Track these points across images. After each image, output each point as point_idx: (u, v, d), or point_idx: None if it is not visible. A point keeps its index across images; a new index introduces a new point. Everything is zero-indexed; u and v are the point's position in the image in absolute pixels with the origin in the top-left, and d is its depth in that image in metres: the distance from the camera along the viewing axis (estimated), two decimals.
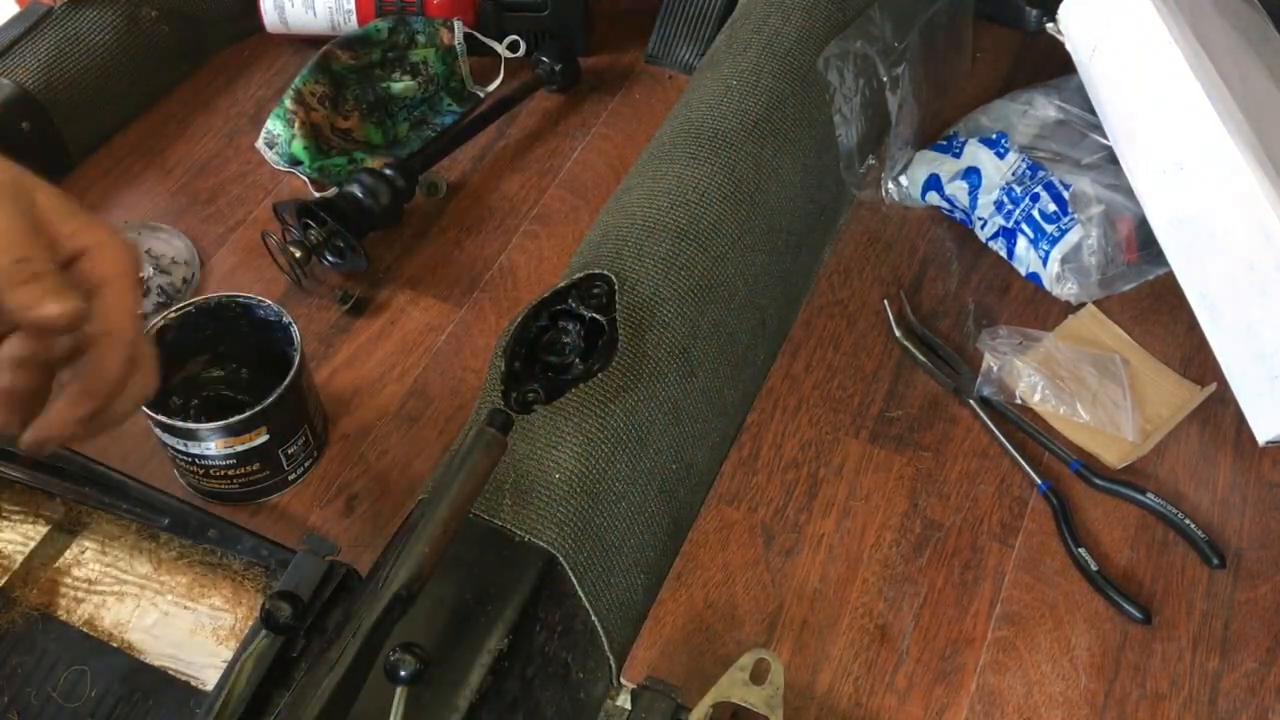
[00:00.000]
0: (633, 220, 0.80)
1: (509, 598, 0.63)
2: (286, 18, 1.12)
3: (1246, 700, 0.72)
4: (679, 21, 1.15)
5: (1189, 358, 0.89)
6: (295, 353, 0.78)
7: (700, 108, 0.88)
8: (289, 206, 0.94)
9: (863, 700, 0.72)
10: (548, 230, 1.00)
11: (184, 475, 0.82)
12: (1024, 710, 0.72)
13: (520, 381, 0.71)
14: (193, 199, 1.02)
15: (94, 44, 1.03)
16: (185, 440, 0.76)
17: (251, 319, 0.82)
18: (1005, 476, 0.83)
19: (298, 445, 0.80)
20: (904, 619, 0.76)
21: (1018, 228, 0.92)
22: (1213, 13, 0.90)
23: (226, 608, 0.76)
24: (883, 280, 0.95)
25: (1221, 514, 0.81)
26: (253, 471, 0.79)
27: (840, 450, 0.84)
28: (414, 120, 1.10)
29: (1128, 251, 0.92)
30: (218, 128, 1.09)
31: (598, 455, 0.69)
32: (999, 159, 0.94)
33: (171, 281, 0.95)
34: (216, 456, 0.77)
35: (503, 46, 1.13)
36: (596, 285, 0.75)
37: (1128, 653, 0.74)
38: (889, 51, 0.95)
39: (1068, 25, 0.96)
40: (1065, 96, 0.99)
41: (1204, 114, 0.81)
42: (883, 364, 0.89)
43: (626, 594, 0.71)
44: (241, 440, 0.76)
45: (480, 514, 0.66)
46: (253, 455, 0.78)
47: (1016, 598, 0.77)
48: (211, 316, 0.81)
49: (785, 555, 0.79)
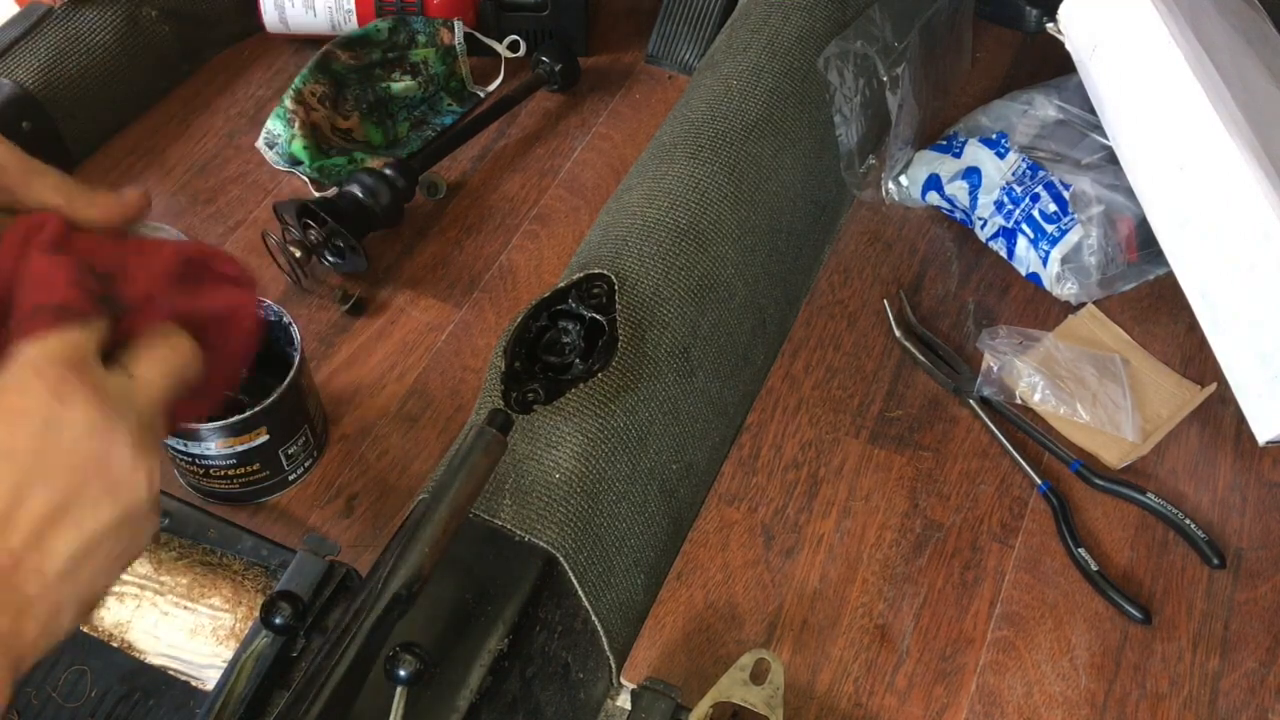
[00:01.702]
0: (633, 220, 0.80)
1: (509, 598, 0.63)
2: (286, 18, 1.12)
3: (1246, 700, 0.72)
4: (679, 21, 1.15)
5: (1189, 358, 0.89)
6: (295, 353, 0.78)
7: (700, 108, 0.88)
8: (289, 206, 0.94)
9: (863, 700, 0.72)
10: (548, 230, 1.00)
11: (184, 475, 0.82)
12: (1024, 710, 0.72)
13: (520, 381, 0.71)
14: (193, 199, 1.02)
15: (94, 44, 1.03)
16: (185, 440, 0.76)
17: None
18: (1005, 476, 0.83)
19: (298, 445, 0.80)
20: (904, 619, 0.76)
21: (1018, 228, 0.92)
22: (1213, 13, 0.90)
23: (226, 608, 0.76)
24: (883, 280, 0.95)
25: (1221, 514, 0.81)
26: (253, 471, 0.79)
27: (840, 450, 0.84)
28: (414, 120, 1.10)
29: (1128, 251, 0.92)
30: (218, 128, 1.09)
31: (598, 455, 0.69)
32: (999, 159, 0.94)
33: None
34: (217, 456, 0.77)
35: (503, 46, 1.13)
36: (596, 285, 0.75)
37: (1128, 653, 0.74)
38: (889, 51, 0.95)
39: (1068, 25, 0.96)
40: (1065, 96, 0.99)
41: (1204, 114, 0.81)
42: (883, 364, 0.89)
43: (626, 594, 0.71)
44: (242, 440, 0.76)
45: (480, 514, 0.66)
46: (253, 455, 0.78)
47: (1016, 598, 0.77)
48: None
49: (785, 555, 0.79)
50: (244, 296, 0.51)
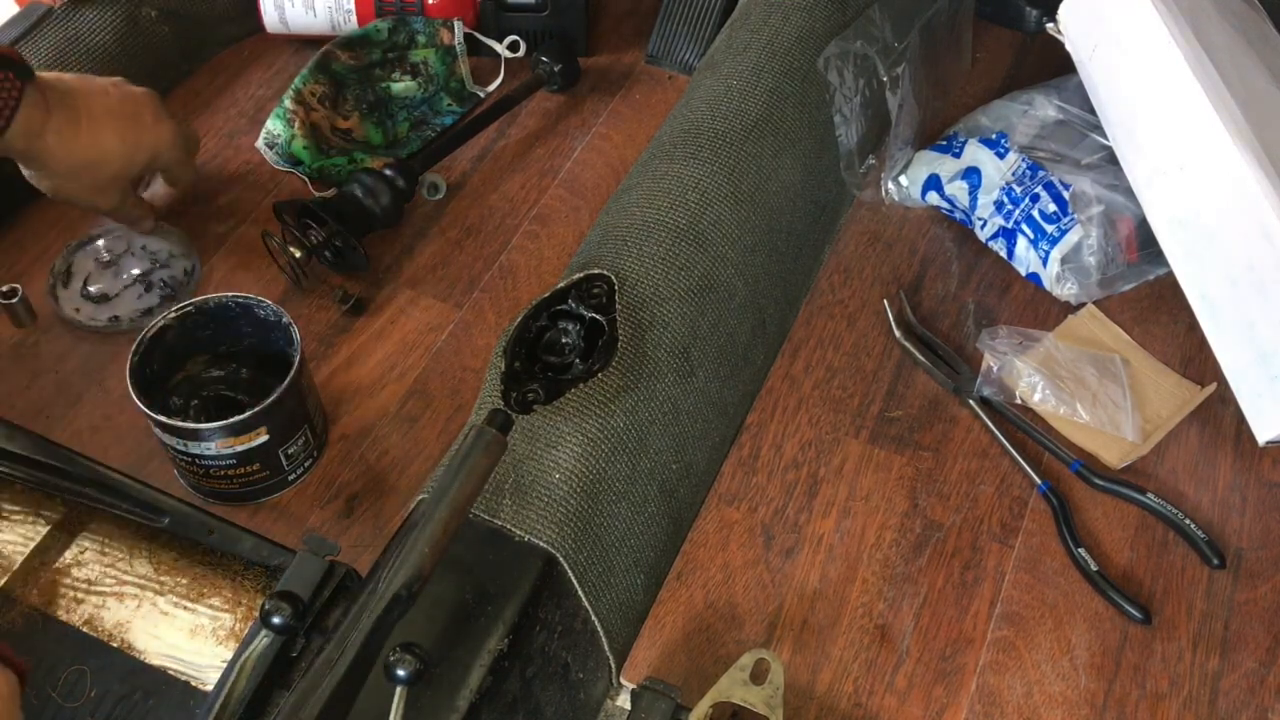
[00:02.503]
0: (633, 220, 0.80)
1: (509, 598, 0.63)
2: (286, 18, 1.12)
3: (1246, 700, 0.72)
4: (679, 21, 1.15)
5: (1189, 358, 0.89)
6: (295, 353, 0.78)
7: (700, 108, 0.88)
8: (289, 206, 0.94)
9: (863, 700, 0.72)
10: (548, 230, 1.00)
11: (184, 475, 0.82)
12: (1024, 710, 0.72)
13: (520, 381, 0.71)
14: (192, 199, 1.02)
15: (94, 44, 1.03)
16: (186, 440, 0.76)
17: (251, 319, 0.82)
18: (1005, 476, 0.83)
19: (298, 445, 0.80)
20: (904, 619, 0.76)
21: (1018, 228, 0.92)
22: (1213, 13, 0.90)
23: (226, 608, 0.76)
24: (883, 280, 0.95)
25: (1221, 514, 0.81)
26: (253, 471, 0.79)
27: (840, 450, 0.84)
28: (414, 120, 1.10)
29: (1128, 251, 0.92)
30: (218, 128, 1.09)
31: (598, 455, 0.69)
32: (999, 159, 0.94)
33: (174, 275, 0.95)
34: (216, 457, 0.77)
35: (503, 46, 1.13)
36: (596, 285, 0.75)
37: (1128, 653, 0.74)
38: (889, 51, 0.95)
39: (1068, 25, 0.96)
40: (1065, 96, 0.99)
41: (1204, 114, 0.81)
42: (883, 364, 0.89)
43: (626, 594, 0.71)
44: (242, 440, 0.76)
45: (480, 514, 0.66)
46: (253, 455, 0.78)
47: (1016, 598, 0.77)
48: (211, 317, 0.81)
49: (785, 555, 0.79)
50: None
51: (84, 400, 0.87)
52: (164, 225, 0.98)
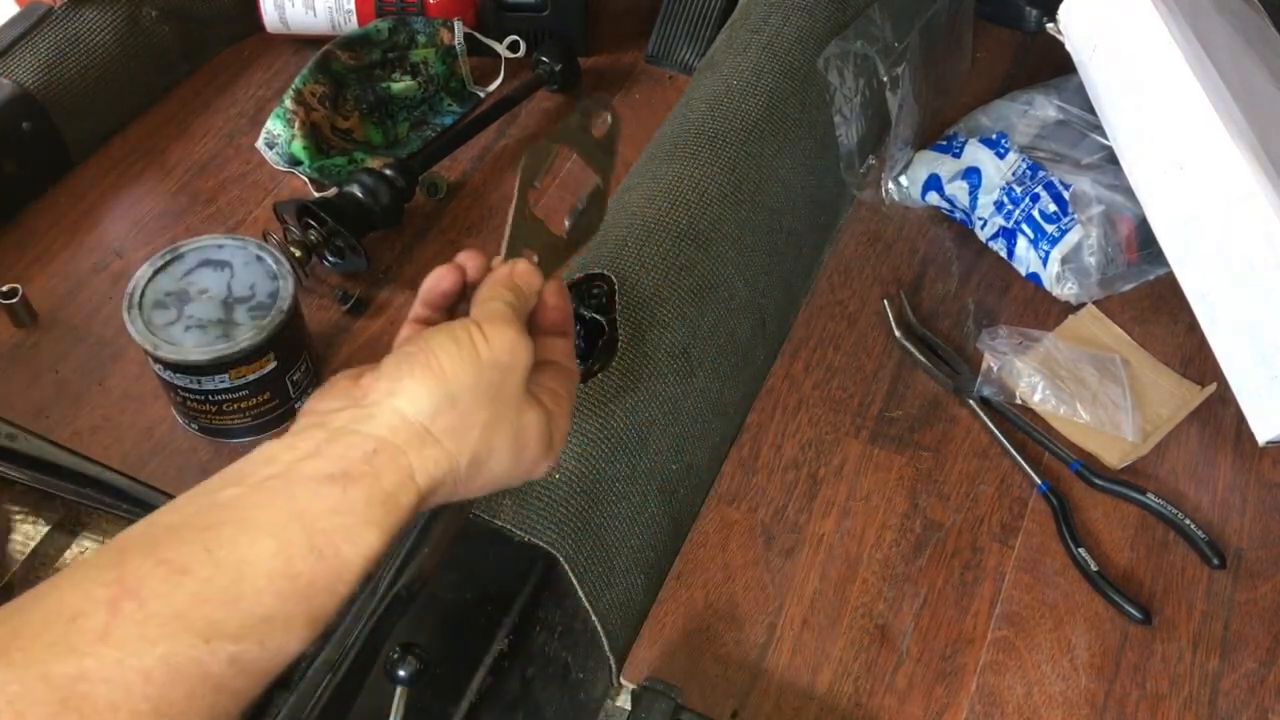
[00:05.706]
0: (633, 220, 0.80)
1: (509, 598, 0.63)
2: (286, 18, 1.12)
3: (1246, 700, 0.72)
4: (679, 21, 1.15)
5: (1189, 358, 0.89)
6: (285, 279, 0.81)
7: (700, 108, 0.88)
8: (289, 206, 0.94)
9: (863, 700, 0.72)
10: None
11: (194, 418, 0.84)
12: (1024, 710, 0.72)
13: None
14: (193, 199, 1.02)
15: (94, 44, 1.03)
16: (198, 377, 0.78)
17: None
18: (1005, 476, 0.83)
19: (301, 371, 0.84)
20: (904, 619, 0.76)
21: (1018, 228, 0.92)
22: (1213, 13, 0.90)
23: None
24: (883, 280, 0.95)
25: (1221, 514, 0.81)
26: (264, 402, 0.82)
27: (840, 450, 0.84)
28: (414, 120, 1.10)
29: (1128, 251, 0.92)
30: (218, 128, 1.09)
31: (598, 455, 0.69)
32: (999, 159, 0.94)
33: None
34: (228, 390, 0.80)
35: (503, 46, 1.13)
36: (596, 285, 0.75)
37: (1128, 653, 0.74)
38: (889, 51, 0.95)
39: (1068, 25, 0.96)
40: (1065, 96, 0.99)
41: (1204, 114, 0.81)
42: (883, 364, 0.89)
43: (626, 594, 0.71)
44: (253, 369, 0.79)
45: (480, 514, 0.66)
46: (264, 383, 0.81)
47: (1016, 598, 0.77)
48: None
49: (785, 555, 0.79)
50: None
51: (84, 400, 0.87)
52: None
